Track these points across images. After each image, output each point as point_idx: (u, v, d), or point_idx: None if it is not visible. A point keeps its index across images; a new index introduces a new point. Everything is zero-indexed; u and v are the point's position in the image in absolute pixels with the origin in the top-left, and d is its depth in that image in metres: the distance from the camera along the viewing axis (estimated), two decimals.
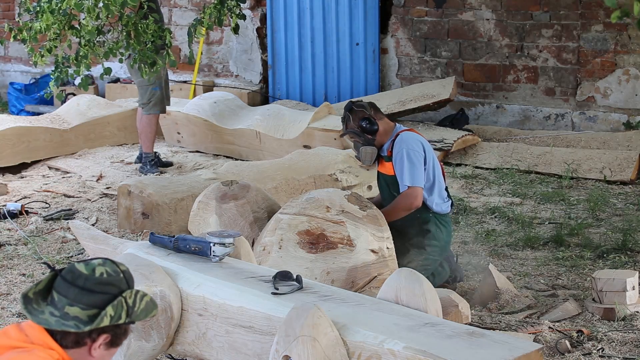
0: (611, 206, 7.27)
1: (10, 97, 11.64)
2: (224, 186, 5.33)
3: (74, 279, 2.57)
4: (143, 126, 8.52)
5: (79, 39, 6.54)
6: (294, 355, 3.32)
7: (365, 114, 5.44)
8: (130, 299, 2.59)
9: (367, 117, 5.43)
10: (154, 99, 8.42)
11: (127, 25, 6.61)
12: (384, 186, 5.57)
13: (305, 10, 10.53)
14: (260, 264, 4.64)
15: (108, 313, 2.54)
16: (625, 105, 9.21)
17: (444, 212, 5.45)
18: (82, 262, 2.62)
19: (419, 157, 5.33)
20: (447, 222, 5.49)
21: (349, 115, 5.48)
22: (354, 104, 5.52)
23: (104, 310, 2.54)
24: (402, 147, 5.33)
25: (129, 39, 6.65)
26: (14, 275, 5.80)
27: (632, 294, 4.96)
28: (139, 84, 8.36)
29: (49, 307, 2.56)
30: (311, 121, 8.53)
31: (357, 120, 5.44)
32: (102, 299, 2.56)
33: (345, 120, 5.51)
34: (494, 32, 9.75)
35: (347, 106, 5.55)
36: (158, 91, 8.39)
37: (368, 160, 5.47)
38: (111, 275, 2.60)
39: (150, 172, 8.28)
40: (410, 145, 5.33)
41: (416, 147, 5.34)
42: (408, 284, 3.67)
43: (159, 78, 8.29)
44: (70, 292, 2.56)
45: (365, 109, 5.48)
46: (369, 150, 5.43)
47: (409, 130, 5.48)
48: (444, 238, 5.46)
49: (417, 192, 5.30)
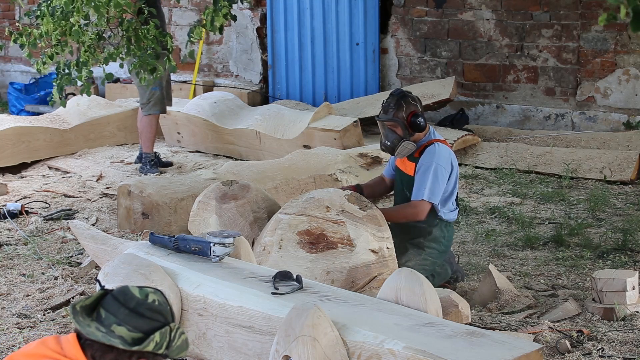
0: (611, 206, 7.27)
1: (10, 97, 11.64)
2: (224, 186, 5.32)
3: (126, 300, 2.62)
4: (143, 126, 8.53)
5: (80, 45, 6.53)
6: (294, 355, 3.32)
7: (418, 109, 5.37)
8: (173, 332, 2.64)
9: (419, 113, 5.36)
10: (153, 99, 8.42)
11: (128, 30, 6.60)
12: (398, 182, 5.55)
13: (305, 10, 10.53)
14: (260, 264, 4.64)
15: (155, 339, 2.58)
16: (625, 105, 9.21)
17: (450, 219, 5.46)
18: (136, 286, 2.67)
19: (445, 174, 5.32)
20: (451, 227, 5.49)
21: (402, 104, 5.36)
22: (409, 95, 5.42)
23: (152, 335, 2.58)
24: (433, 160, 5.30)
25: (129, 44, 6.64)
26: (14, 275, 5.80)
27: (632, 294, 4.96)
28: (139, 83, 8.35)
29: (95, 323, 2.60)
30: (311, 121, 8.53)
31: (410, 113, 5.35)
32: (149, 325, 2.60)
33: (394, 107, 5.38)
34: (494, 32, 9.75)
35: (400, 93, 5.42)
36: (158, 91, 8.39)
37: (403, 154, 5.41)
38: (162, 305, 2.65)
39: (150, 172, 8.28)
40: (441, 161, 5.30)
41: (445, 165, 5.32)
42: (408, 284, 3.68)
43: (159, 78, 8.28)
44: (120, 312, 2.60)
45: (418, 104, 5.41)
46: (409, 146, 5.36)
47: (442, 142, 5.44)
48: (445, 242, 5.46)
49: (426, 207, 5.30)
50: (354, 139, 8.30)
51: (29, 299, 5.37)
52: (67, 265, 5.94)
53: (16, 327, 4.93)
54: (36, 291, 5.47)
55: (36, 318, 5.08)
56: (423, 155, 5.35)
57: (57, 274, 5.73)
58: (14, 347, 4.64)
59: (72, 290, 5.44)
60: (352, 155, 7.31)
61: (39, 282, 5.66)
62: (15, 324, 4.98)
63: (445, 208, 5.41)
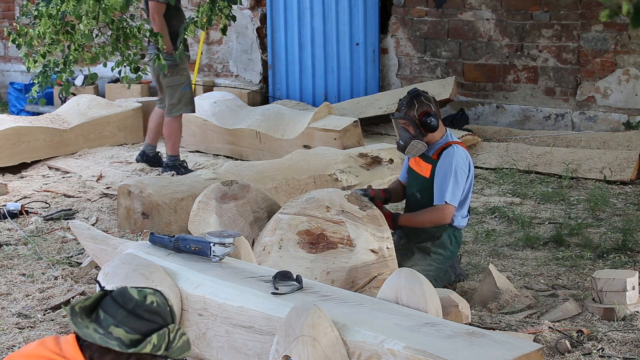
0: (611, 206, 7.27)
1: (10, 97, 11.64)
2: (224, 186, 5.32)
3: (125, 301, 2.61)
4: (173, 126, 8.39)
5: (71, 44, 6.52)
6: (294, 355, 3.32)
7: (431, 109, 5.35)
8: (172, 334, 2.63)
9: (432, 113, 5.33)
10: (185, 99, 8.38)
11: (118, 29, 6.58)
12: (411, 184, 5.54)
13: (305, 10, 10.53)
14: (260, 264, 4.64)
15: (152, 341, 2.58)
16: (625, 105, 9.21)
17: (460, 226, 5.46)
18: (136, 288, 2.67)
19: (464, 176, 5.32)
20: (459, 234, 5.49)
21: (414, 103, 5.35)
22: (423, 95, 5.40)
23: (149, 337, 2.58)
24: (453, 162, 5.29)
25: (117, 42, 6.63)
26: (14, 275, 5.80)
27: (632, 294, 4.96)
28: (168, 83, 8.30)
29: (93, 324, 2.60)
30: (311, 121, 8.53)
31: (421, 112, 5.33)
32: (148, 327, 2.60)
33: (407, 105, 5.36)
34: (494, 32, 9.75)
35: (414, 92, 5.41)
36: (188, 90, 8.40)
37: (413, 153, 5.40)
38: (160, 306, 2.64)
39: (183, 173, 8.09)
40: (460, 163, 5.30)
41: (464, 166, 5.32)
42: (408, 284, 3.68)
43: (187, 78, 8.36)
44: (119, 314, 2.59)
45: (432, 104, 5.39)
46: (420, 145, 5.35)
47: (460, 144, 5.42)
48: (452, 249, 5.45)
49: (451, 211, 5.30)
50: (354, 139, 8.31)
51: (29, 299, 5.37)
52: (67, 265, 5.94)
53: (16, 327, 4.93)
54: (36, 291, 5.47)
55: (36, 318, 5.08)
56: (442, 157, 5.33)
57: (57, 274, 5.73)
58: (14, 347, 4.64)
59: (72, 290, 5.44)
60: (352, 155, 7.31)
61: (39, 282, 5.66)
62: (15, 324, 4.98)
63: (459, 213, 5.40)
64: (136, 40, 6.60)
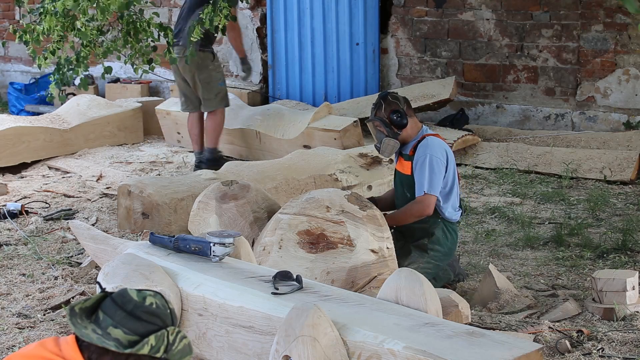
0: (611, 206, 7.27)
1: (10, 97, 11.63)
2: (224, 186, 5.33)
3: (124, 302, 2.61)
4: (214, 121, 8.51)
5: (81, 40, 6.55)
6: (294, 355, 3.32)
7: (399, 107, 5.41)
8: (171, 336, 2.62)
9: (399, 110, 5.39)
10: (221, 94, 8.52)
11: (127, 24, 6.63)
12: (398, 184, 5.56)
13: (305, 10, 10.53)
14: (260, 264, 4.64)
15: (150, 342, 2.57)
16: (625, 105, 9.21)
17: (452, 219, 5.46)
18: (135, 289, 2.66)
19: (441, 165, 5.32)
20: (454, 229, 5.49)
21: (382, 104, 5.43)
22: (390, 94, 5.49)
23: (147, 338, 2.57)
24: (427, 152, 5.31)
25: (127, 37, 6.67)
26: (14, 275, 5.80)
27: (632, 294, 4.96)
28: (206, 79, 8.40)
29: (92, 325, 2.59)
30: (311, 121, 8.53)
31: (389, 110, 5.40)
32: (146, 328, 2.59)
33: (377, 107, 5.46)
34: (494, 32, 9.75)
35: (382, 94, 5.52)
36: (224, 86, 8.54)
37: (387, 152, 5.45)
38: (160, 308, 2.63)
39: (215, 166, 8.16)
40: (435, 152, 5.32)
41: (440, 155, 5.33)
42: (408, 283, 3.68)
43: (223, 75, 8.57)
44: (117, 315, 2.59)
45: (399, 102, 5.44)
46: (391, 142, 5.40)
47: (434, 136, 5.46)
48: (449, 245, 5.45)
49: (431, 201, 5.31)
50: (354, 139, 8.31)
51: (29, 299, 5.37)
52: (67, 265, 5.94)
53: (16, 327, 4.93)
54: (36, 291, 5.47)
55: (36, 318, 5.08)
56: (417, 151, 5.38)
57: (57, 274, 5.73)
58: (14, 347, 4.64)
59: (72, 290, 5.44)
60: (352, 155, 7.31)
61: (39, 282, 5.66)
62: (15, 324, 4.98)
63: (448, 205, 5.41)
64: (146, 34, 6.67)
